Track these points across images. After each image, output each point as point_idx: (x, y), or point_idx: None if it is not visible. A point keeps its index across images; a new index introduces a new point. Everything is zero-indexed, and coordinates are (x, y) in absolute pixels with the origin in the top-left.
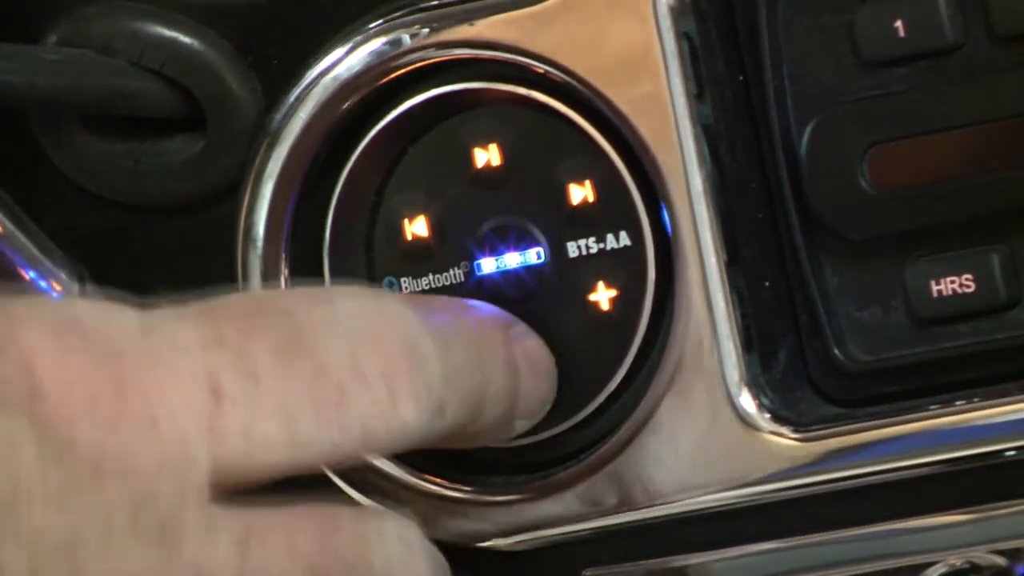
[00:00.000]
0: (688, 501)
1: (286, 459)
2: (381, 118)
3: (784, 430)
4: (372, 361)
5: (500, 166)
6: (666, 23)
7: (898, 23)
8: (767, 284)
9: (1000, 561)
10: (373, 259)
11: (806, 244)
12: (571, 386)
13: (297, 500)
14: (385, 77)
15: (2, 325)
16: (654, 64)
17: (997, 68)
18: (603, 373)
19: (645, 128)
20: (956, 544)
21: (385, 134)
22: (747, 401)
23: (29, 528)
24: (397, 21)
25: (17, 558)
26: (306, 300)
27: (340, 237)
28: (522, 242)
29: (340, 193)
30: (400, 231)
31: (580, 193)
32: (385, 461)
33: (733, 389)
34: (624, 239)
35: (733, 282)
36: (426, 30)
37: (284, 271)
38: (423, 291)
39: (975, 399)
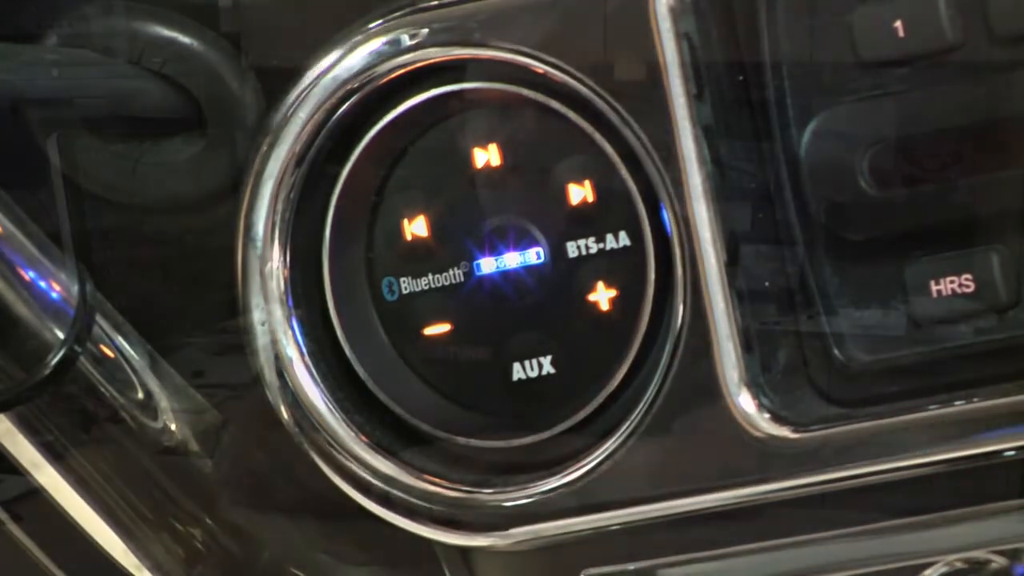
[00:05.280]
0: (688, 501)
1: None
2: (381, 118)
3: (784, 430)
4: None
5: (500, 166)
6: (666, 23)
7: (898, 23)
8: (767, 284)
9: (1000, 561)
10: (373, 259)
11: (806, 244)
12: (571, 386)
13: None
14: (385, 77)
15: None
16: (654, 64)
17: (997, 68)
18: (603, 373)
19: (645, 128)
20: (956, 544)
21: (385, 134)
22: (747, 401)
23: None
24: (397, 21)
25: None
26: None
27: (340, 237)
28: (522, 242)
29: (340, 193)
30: (400, 231)
31: (580, 193)
32: (385, 462)
33: (733, 389)
34: (624, 239)
35: (733, 282)
36: (426, 30)
37: (284, 271)
38: (423, 291)
39: (975, 399)
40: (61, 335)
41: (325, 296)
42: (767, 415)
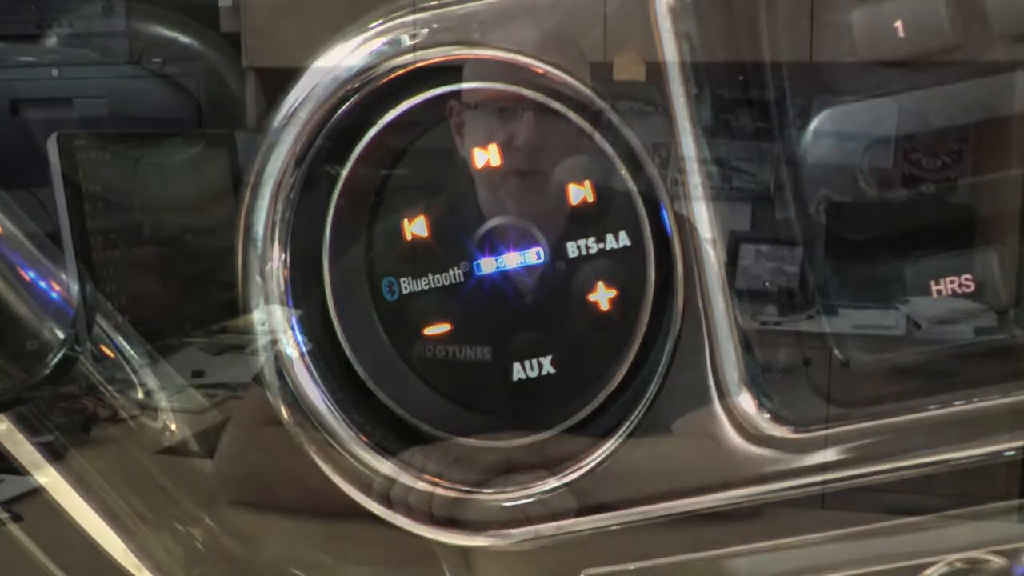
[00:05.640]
0: (688, 501)
1: None
2: (381, 118)
3: (784, 430)
4: None
5: (500, 166)
6: (666, 23)
7: (897, 23)
8: (767, 284)
9: (1000, 561)
10: (373, 259)
11: (806, 244)
12: (571, 386)
13: None
14: (385, 77)
15: None
16: (654, 64)
17: (997, 68)
18: (603, 373)
19: (644, 129)
20: (956, 544)
21: (385, 134)
22: (747, 401)
23: None
24: (397, 21)
25: None
26: None
27: (340, 237)
28: (522, 242)
29: (340, 193)
30: (400, 231)
31: (580, 193)
32: (384, 462)
33: (733, 389)
34: (624, 239)
35: (733, 282)
36: (426, 30)
37: (284, 271)
38: (423, 291)
39: (975, 399)
40: (61, 335)
41: (325, 296)
42: (767, 415)
